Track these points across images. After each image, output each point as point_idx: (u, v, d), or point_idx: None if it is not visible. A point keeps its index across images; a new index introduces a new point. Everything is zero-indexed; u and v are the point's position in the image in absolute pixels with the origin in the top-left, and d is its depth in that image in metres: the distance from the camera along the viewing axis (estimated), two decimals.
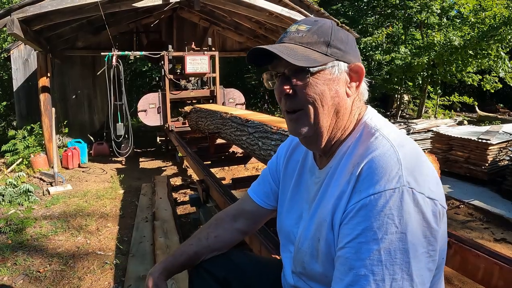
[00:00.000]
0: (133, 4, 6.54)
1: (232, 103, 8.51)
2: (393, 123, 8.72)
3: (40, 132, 7.79)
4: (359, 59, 1.06)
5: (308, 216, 1.10)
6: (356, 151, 0.98)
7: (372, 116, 1.05)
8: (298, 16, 7.32)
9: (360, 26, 14.37)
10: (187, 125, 7.26)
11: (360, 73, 1.03)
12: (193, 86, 8.40)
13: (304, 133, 1.05)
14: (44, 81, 7.31)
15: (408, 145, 0.95)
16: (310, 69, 0.98)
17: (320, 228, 1.01)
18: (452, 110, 15.07)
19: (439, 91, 12.42)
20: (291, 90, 1.02)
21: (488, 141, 5.80)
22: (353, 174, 0.93)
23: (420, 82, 12.13)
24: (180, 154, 6.24)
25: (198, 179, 4.18)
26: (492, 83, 11.54)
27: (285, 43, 1.02)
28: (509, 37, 9.09)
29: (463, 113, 15.84)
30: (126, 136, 7.67)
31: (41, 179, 6.62)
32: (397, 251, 0.82)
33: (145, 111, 7.75)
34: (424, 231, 0.84)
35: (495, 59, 9.96)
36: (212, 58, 8.15)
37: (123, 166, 7.99)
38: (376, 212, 0.84)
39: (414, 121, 9.10)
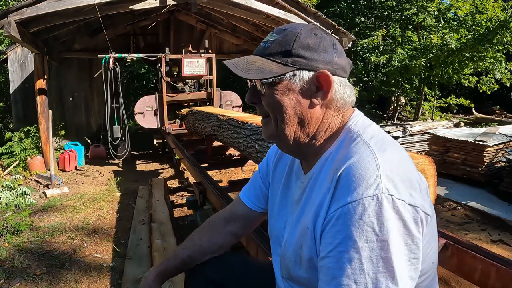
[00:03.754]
0: (130, 7, 6.54)
1: (229, 106, 8.50)
2: (390, 125, 8.74)
3: (37, 134, 7.77)
4: (332, 65, 1.01)
5: (293, 222, 1.10)
6: (337, 157, 0.96)
7: (358, 121, 1.03)
8: (295, 19, 7.33)
9: (357, 29, 14.41)
10: (184, 127, 7.26)
11: (327, 80, 0.99)
12: (190, 89, 8.40)
13: (270, 138, 1.10)
14: (41, 83, 7.30)
15: (390, 150, 0.92)
16: (263, 80, 1.00)
17: (303, 235, 1.00)
18: (449, 112, 15.11)
19: (436, 92, 12.45)
20: (256, 100, 1.07)
21: (485, 143, 5.81)
22: (332, 181, 0.92)
23: (417, 84, 12.16)
24: (177, 157, 6.23)
25: (195, 181, 4.18)
26: (488, 84, 11.59)
27: (250, 56, 1.05)
28: (505, 40, 9.13)
29: (460, 115, 15.89)
30: (123, 138, 7.66)
31: (38, 181, 6.61)
32: (379, 260, 0.81)
33: (142, 113, 7.73)
34: (405, 238, 0.82)
35: (492, 61, 9.99)
36: (209, 60, 8.14)
37: (120, 169, 7.98)
38: (355, 220, 0.83)
39: (411, 123, 9.11)
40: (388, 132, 7.20)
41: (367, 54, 13.04)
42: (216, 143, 5.88)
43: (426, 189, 0.95)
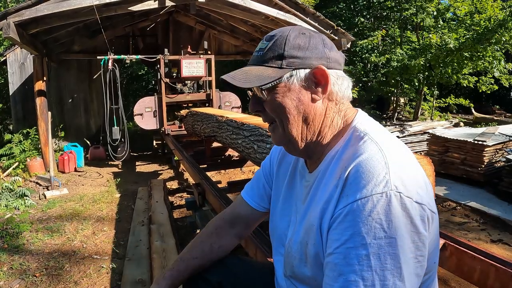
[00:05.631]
0: (129, 8, 6.54)
1: (228, 107, 8.50)
2: (389, 125, 8.75)
3: (36, 136, 7.76)
4: (326, 59, 1.03)
5: (298, 220, 1.10)
6: (344, 155, 0.97)
7: (362, 120, 1.05)
8: (293, 19, 7.33)
9: (356, 29, 14.40)
10: (183, 128, 7.26)
11: (324, 75, 1.01)
12: (189, 90, 8.40)
13: (280, 142, 1.12)
14: (40, 85, 7.30)
15: (396, 149, 0.94)
16: (262, 87, 1.02)
17: (308, 232, 1.00)
18: (448, 112, 15.10)
19: (436, 92, 12.44)
20: (260, 107, 1.09)
21: (484, 143, 5.81)
22: (340, 178, 0.92)
23: (416, 84, 12.16)
24: (176, 158, 6.23)
25: (194, 182, 4.18)
26: (488, 84, 11.58)
27: (245, 66, 1.09)
28: (504, 39, 9.13)
29: (459, 115, 15.88)
30: (123, 140, 7.66)
31: (37, 183, 6.60)
32: (387, 256, 0.81)
33: (141, 114, 7.73)
34: (412, 236, 0.83)
35: (490, 59, 10.00)
36: (208, 61, 8.15)
37: (120, 170, 7.97)
38: (363, 217, 0.83)
39: (410, 123, 9.13)
40: None
41: (366, 55, 13.03)
42: (215, 144, 5.88)
43: (431, 187, 0.96)
